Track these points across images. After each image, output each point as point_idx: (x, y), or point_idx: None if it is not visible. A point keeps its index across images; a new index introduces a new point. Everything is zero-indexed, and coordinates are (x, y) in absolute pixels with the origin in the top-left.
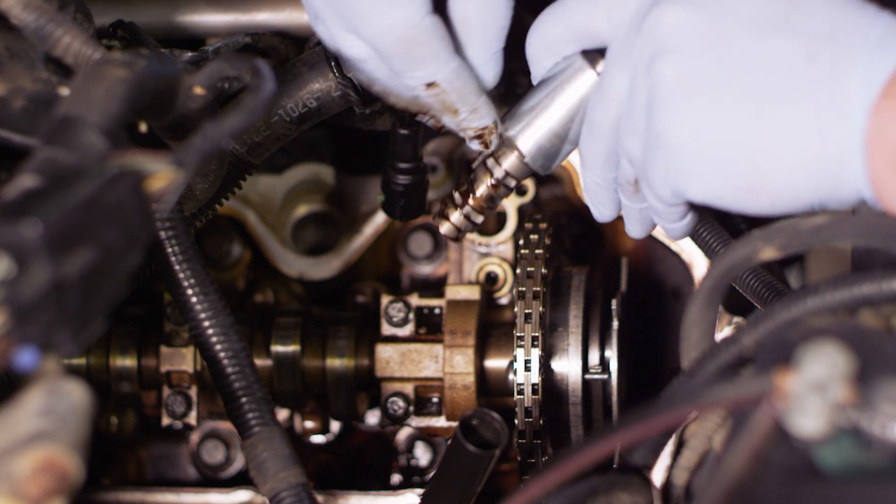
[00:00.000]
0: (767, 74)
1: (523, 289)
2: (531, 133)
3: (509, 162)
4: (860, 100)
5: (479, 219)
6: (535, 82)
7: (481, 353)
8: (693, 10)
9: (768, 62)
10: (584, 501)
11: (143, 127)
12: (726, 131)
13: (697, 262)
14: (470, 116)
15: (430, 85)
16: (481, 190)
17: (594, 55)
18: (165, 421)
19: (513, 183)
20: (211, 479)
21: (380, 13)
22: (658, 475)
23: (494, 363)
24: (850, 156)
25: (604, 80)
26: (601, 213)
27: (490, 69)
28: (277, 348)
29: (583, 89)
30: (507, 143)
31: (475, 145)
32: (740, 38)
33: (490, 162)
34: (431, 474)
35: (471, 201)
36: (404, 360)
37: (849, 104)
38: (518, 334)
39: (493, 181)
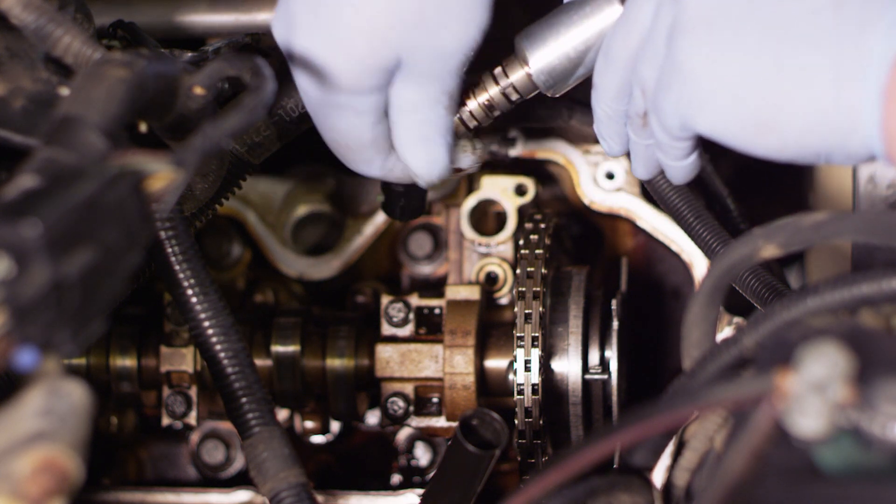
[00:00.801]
0: (792, 17)
1: (523, 289)
2: (544, 52)
3: (517, 75)
4: (882, 53)
5: (473, 124)
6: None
7: (481, 353)
8: None
9: (795, 4)
10: (585, 502)
11: (143, 127)
12: (745, 66)
13: (697, 262)
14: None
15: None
16: (484, 96)
17: None
18: (165, 421)
19: (515, 97)
20: (211, 479)
21: (326, 115)
22: (658, 476)
23: (494, 363)
24: (864, 108)
25: (629, 8)
26: (610, 146)
27: (427, 166)
28: (277, 348)
29: (606, 20)
30: (519, 57)
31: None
32: None
33: (498, 71)
34: (431, 474)
35: (469, 104)
36: (404, 360)
37: (869, 56)
38: (518, 334)
39: (497, 90)
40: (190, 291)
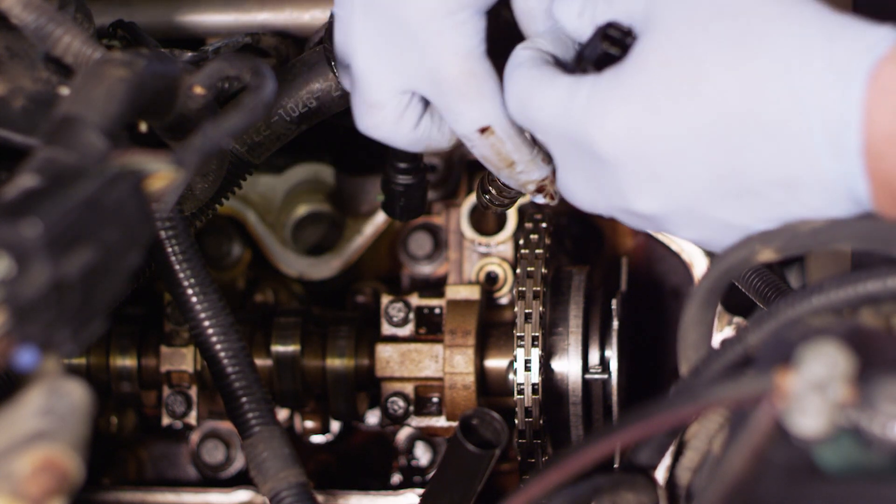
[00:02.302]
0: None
1: (523, 289)
2: None
3: None
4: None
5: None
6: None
7: (481, 352)
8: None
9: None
10: (590, 501)
11: (143, 127)
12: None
13: (697, 262)
14: (527, 168)
15: (484, 130)
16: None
17: None
18: (165, 421)
19: None
20: (211, 479)
21: (441, 43)
22: (659, 475)
23: (494, 363)
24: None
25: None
26: None
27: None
28: (277, 348)
29: None
30: None
31: (539, 199)
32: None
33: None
34: (431, 474)
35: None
36: (404, 360)
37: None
38: (518, 334)
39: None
40: (190, 291)
